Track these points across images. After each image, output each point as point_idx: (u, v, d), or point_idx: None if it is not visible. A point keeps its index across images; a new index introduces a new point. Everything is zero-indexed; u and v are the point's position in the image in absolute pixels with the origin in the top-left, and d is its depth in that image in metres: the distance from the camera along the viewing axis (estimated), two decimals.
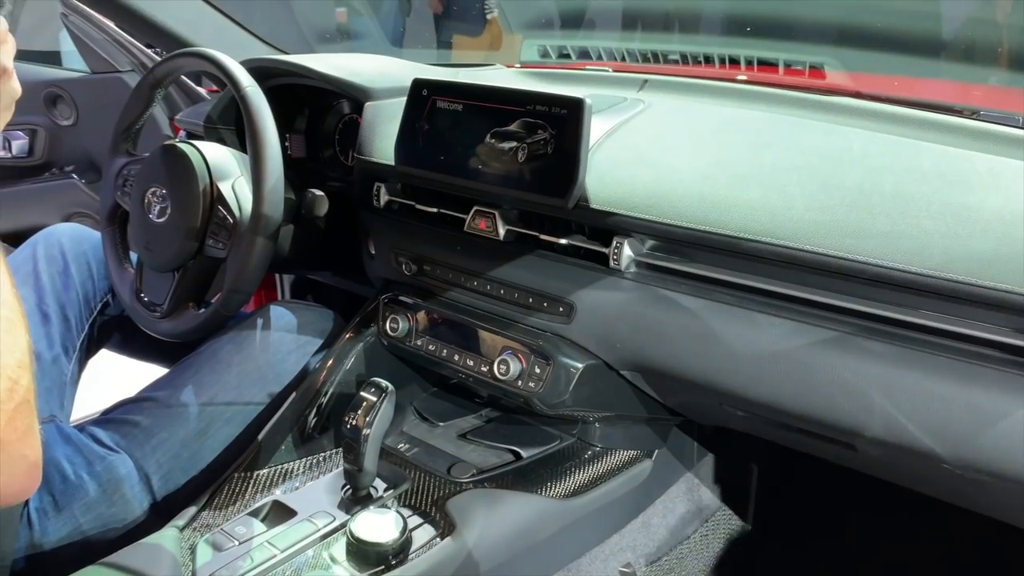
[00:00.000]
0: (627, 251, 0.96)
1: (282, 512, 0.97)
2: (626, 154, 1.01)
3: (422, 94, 1.08)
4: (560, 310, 1.02)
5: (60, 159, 2.09)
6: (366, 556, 0.88)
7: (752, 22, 1.48)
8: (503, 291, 1.08)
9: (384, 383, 0.97)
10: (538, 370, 1.03)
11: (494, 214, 1.06)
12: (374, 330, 1.20)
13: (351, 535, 0.88)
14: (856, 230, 0.81)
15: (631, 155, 1.01)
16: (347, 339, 1.19)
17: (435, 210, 1.14)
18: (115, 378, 1.55)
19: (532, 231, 1.04)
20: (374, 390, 0.96)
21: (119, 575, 0.85)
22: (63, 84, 1.98)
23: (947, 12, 1.36)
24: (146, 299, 1.22)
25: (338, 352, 1.17)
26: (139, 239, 1.22)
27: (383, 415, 0.96)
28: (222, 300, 1.11)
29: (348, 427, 0.95)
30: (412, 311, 1.16)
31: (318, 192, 1.22)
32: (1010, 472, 0.77)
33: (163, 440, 1.06)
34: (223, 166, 1.16)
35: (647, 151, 1.01)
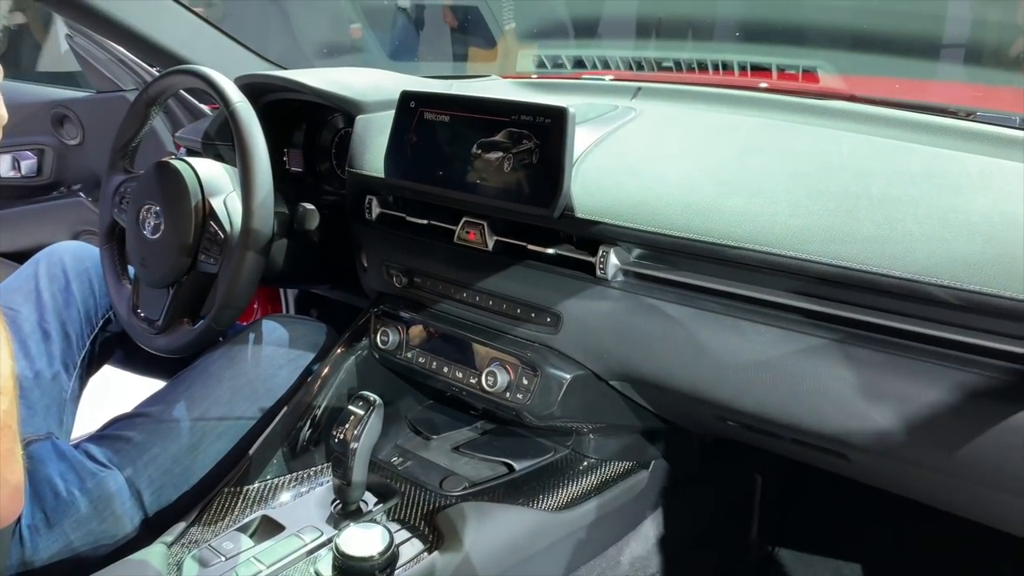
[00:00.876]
0: (613, 260, 0.95)
1: (271, 527, 0.97)
2: (613, 162, 1.00)
3: (410, 106, 1.08)
4: (547, 320, 1.02)
5: (68, 178, 2.12)
6: (352, 571, 0.87)
7: (745, 27, 1.47)
8: (492, 302, 1.07)
9: (372, 396, 0.97)
10: (526, 381, 1.02)
11: (483, 225, 1.05)
12: (366, 343, 1.20)
13: (337, 550, 0.87)
14: (840, 235, 0.79)
15: (618, 163, 1.00)
16: (339, 353, 1.19)
17: (425, 222, 1.13)
18: (118, 394, 1.55)
19: (520, 241, 1.03)
20: (362, 403, 0.97)
21: None
22: (69, 104, 2.00)
23: (942, 13, 1.34)
24: (143, 315, 1.23)
25: (330, 366, 1.17)
26: (135, 255, 1.23)
27: (371, 428, 0.96)
28: (214, 315, 1.11)
29: (336, 441, 0.95)
30: (402, 324, 1.16)
31: (309, 206, 1.22)
32: (1005, 479, 0.75)
33: (155, 456, 1.06)
34: (216, 182, 1.17)
35: (634, 159, 1.00)
